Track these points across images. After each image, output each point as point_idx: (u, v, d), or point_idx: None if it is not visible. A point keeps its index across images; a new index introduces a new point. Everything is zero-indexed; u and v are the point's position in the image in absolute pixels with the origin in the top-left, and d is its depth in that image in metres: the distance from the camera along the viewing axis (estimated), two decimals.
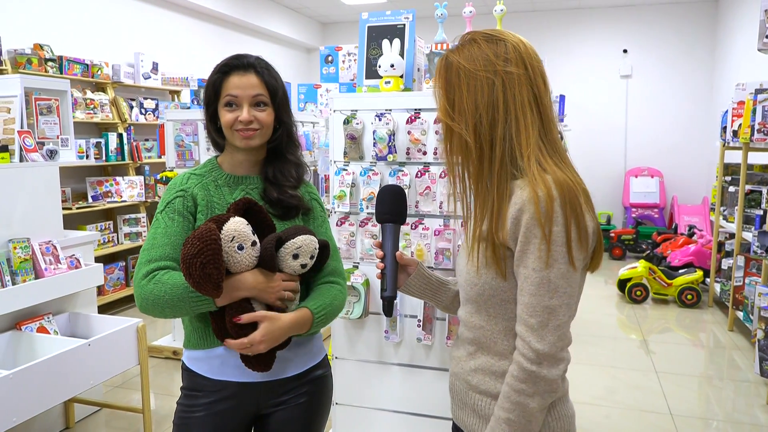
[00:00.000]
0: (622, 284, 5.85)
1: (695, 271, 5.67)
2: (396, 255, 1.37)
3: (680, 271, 5.83)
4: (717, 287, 5.48)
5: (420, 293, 1.47)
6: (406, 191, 2.27)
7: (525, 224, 1.09)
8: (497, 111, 1.15)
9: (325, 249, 1.50)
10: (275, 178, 1.54)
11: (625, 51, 8.56)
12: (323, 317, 1.50)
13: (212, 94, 1.49)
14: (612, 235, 7.74)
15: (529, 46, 1.20)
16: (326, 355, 1.66)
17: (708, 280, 5.75)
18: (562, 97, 5.75)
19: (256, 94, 1.47)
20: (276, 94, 1.52)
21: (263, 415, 1.55)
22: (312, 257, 1.45)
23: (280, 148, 1.56)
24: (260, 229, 1.43)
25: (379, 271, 1.38)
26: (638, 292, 5.69)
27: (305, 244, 1.43)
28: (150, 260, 1.41)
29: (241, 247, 1.36)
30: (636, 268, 5.70)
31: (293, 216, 1.55)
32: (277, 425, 1.53)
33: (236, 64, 1.48)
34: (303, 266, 1.45)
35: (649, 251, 6.69)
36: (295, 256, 1.42)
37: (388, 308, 1.37)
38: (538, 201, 1.08)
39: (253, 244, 1.38)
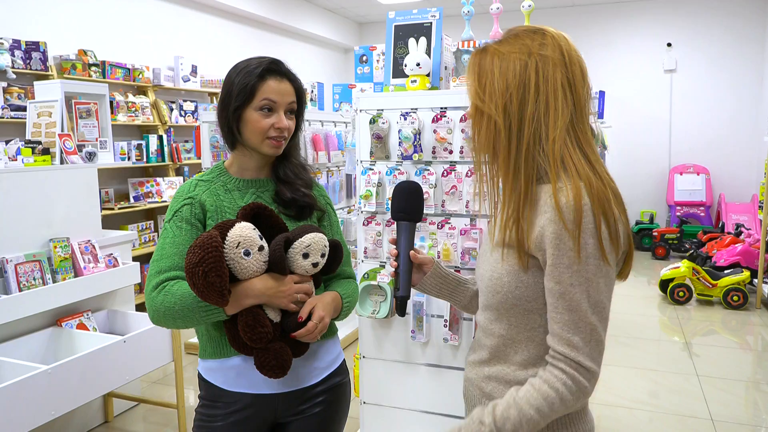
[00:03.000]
0: (664, 285, 5.68)
1: (742, 272, 5.45)
2: (410, 254, 1.34)
3: (726, 271, 5.63)
4: (765, 288, 5.27)
5: (437, 292, 1.43)
6: (431, 190, 2.27)
7: (555, 234, 1.04)
8: (528, 91, 1.11)
9: (338, 250, 1.48)
10: (287, 177, 1.53)
11: (669, 45, 8.31)
12: (348, 304, 1.54)
13: (246, 95, 1.42)
14: (655, 234, 7.53)
15: (571, 42, 1.17)
16: (344, 360, 1.64)
17: (755, 280, 5.53)
18: (601, 93, 5.60)
19: (291, 102, 1.47)
20: (302, 103, 1.53)
21: (281, 424, 1.53)
22: (323, 255, 1.42)
23: (288, 152, 1.55)
24: (272, 233, 1.40)
25: (393, 269, 1.36)
26: (681, 293, 5.52)
27: (314, 242, 1.39)
28: (159, 271, 1.39)
29: (247, 253, 1.32)
30: (678, 268, 5.53)
31: (307, 216, 1.54)
32: None
33: (275, 69, 1.46)
34: (314, 265, 1.41)
35: (692, 251, 6.48)
36: (305, 255, 1.39)
37: (401, 308, 1.35)
38: (567, 209, 1.03)
39: (261, 248, 1.34)
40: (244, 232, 1.32)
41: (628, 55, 8.51)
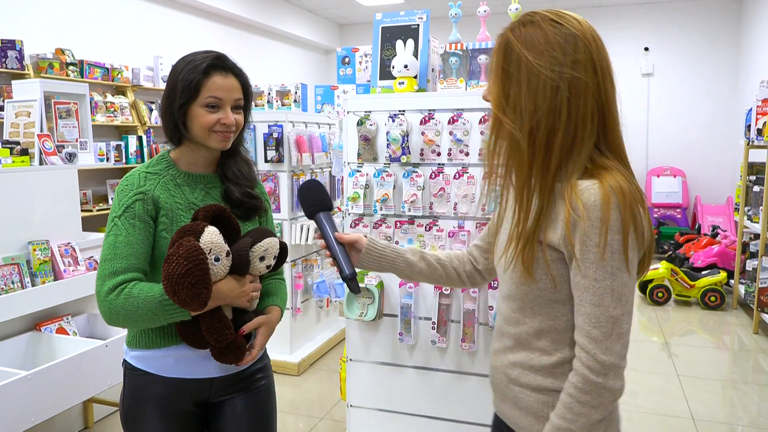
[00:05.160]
0: (643, 286, 5.75)
1: (719, 273, 5.55)
2: (335, 236, 1.40)
3: (703, 272, 5.72)
4: (741, 289, 5.37)
5: (377, 266, 1.46)
6: (419, 192, 2.27)
7: (583, 231, 1.05)
8: (559, 119, 1.07)
9: (284, 251, 1.54)
10: (236, 178, 1.54)
11: (646, 49, 8.44)
12: (282, 313, 1.62)
13: (191, 92, 1.41)
14: None
15: (598, 39, 1.14)
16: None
17: (732, 281, 5.63)
18: None
19: (237, 98, 1.48)
20: (249, 97, 1.53)
21: (214, 404, 1.55)
22: (275, 258, 1.50)
23: (234, 147, 1.56)
24: (228, 234, 1.43)
25: (331, 260, 1.41)
26: (660, 294, 5.60)
27: (271, 246, 1.47)
28: (114, 273, 1.35)
29: (217, 259, 1.36)
30: (657, 269, 5.60)
31: (253, 216, 1.58)
32: (231, 413, 1.55)
33: (220, 65, 1.45)
34: (268, 267, 1.50)
35: (671, 252, 6.59)
36: (262, 258, 1.46)
37: (353, 286, 1.40)
38: (594, 207, 1.04)
39: (228, 254, 1.39)
40: (214, 238, 1.36)
41: None
